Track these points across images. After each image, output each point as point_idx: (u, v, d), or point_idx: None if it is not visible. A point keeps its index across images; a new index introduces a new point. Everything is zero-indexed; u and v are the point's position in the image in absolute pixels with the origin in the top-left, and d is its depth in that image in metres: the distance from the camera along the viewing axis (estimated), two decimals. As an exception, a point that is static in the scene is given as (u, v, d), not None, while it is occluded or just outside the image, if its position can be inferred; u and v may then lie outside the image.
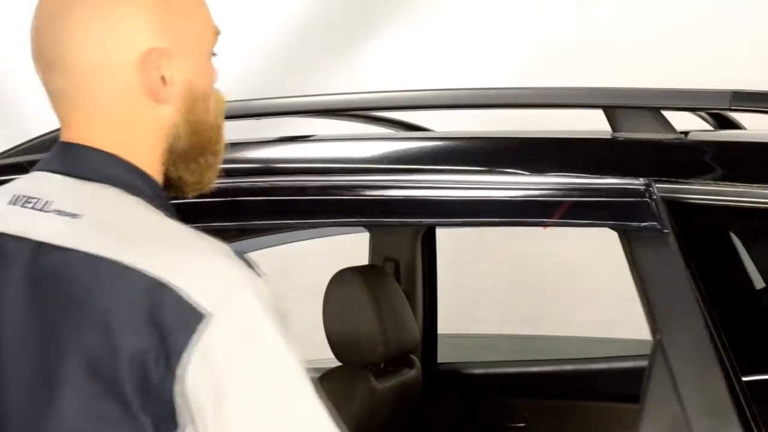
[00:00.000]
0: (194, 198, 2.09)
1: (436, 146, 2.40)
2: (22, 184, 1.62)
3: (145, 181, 1.60)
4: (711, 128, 2.70)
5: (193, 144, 1.64)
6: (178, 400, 1.46)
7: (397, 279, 3.63)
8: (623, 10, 5.18)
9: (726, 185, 2.09)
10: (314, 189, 2.30)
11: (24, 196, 1.57)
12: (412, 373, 3.50)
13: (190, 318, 1.45)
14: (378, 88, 2.74)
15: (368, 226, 3.58)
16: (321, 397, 1.54)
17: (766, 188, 2.07)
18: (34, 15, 1.61)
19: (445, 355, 3.81)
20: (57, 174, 1.59)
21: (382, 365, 3.35)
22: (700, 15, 5.00)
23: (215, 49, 1.67)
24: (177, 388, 1.46)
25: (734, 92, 2.16)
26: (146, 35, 1.58)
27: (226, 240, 1.76)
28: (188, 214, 2.31)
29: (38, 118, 2.61)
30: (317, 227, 3.34)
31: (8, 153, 2.58)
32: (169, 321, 1.46)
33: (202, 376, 1.45)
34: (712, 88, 2.23)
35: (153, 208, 1.58)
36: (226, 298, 1.47)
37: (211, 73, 1.66)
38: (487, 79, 5.03)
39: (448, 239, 4.16)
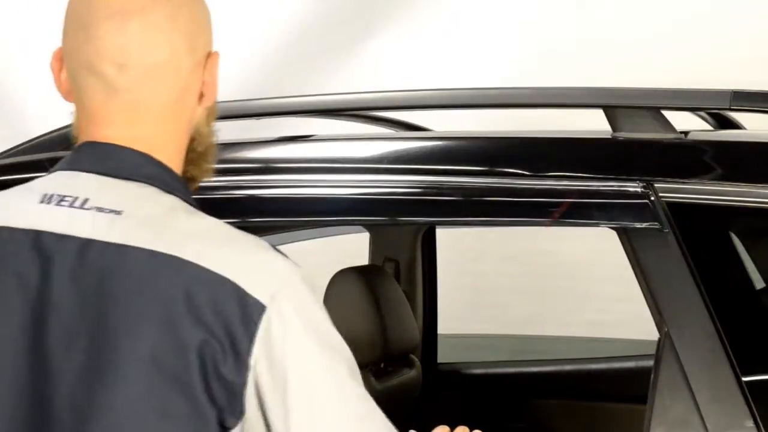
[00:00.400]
0: (195, 197, 2.10)
1: (436, 146, 2.40)
2: (49, 183, 1.61)
3: (178, 179, 1.64)
4: (711, 128, 2.70)
5: (208, 145, 1.69)
6: (249, 391, 1.50)
7: (397, 279, 3.63)
8: (623, 10, 5.18)
9: (726, 185, 2.09)
10: (314, 189, 2.30)
11: (57, 195, 1.57)
12: (412, 373, 3.50)
13: (253, 310, 1.50)
14: (378, 88, 2.74)
15: (368, 226, 3.58)
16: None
17: (766, 188, 2.07)
18: (88, 11, 1.60)
19: (445, 355, 3.81)
20: (89, 173, 1.59)
21: (382, 365, 3.35)
22: (700, 15, 5.00)
23: None
24: (250, 379, 1.50)
25: (734, 92, 2.16)
26: (207, 39, 1.63)
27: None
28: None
29: (38, 118, 2.61)
30: (317, 227, 3.34)
31: (8, 153, 2.57)
32: (233, 313, 1.49)
33: (268, 365, 1.50)
34: (712, 88, 2.23)
35: (188, 206, 1.62)
36: (281, 289, 1.53)
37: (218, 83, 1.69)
38: (487, 79, 5.03)
39: (448, 239, 4.16)
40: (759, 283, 2.28)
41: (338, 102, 2.56)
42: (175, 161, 1.64)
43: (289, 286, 1.55)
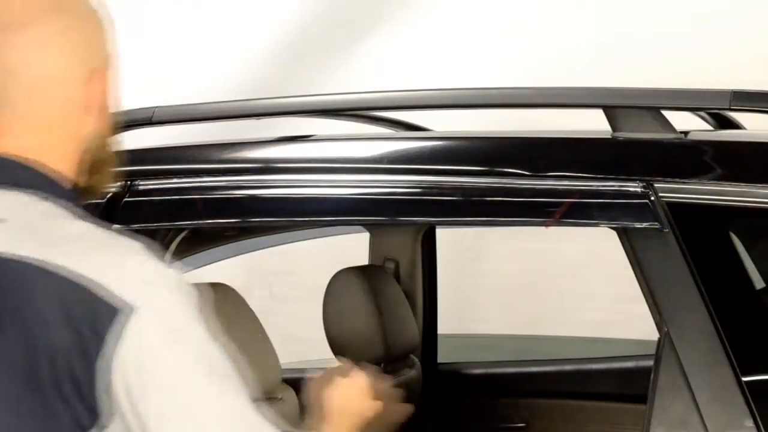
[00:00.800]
0: (195, 197, 2.11)
1: (436, 146, 2.40)
2: None
3: (61, 188, 1.70)
4: (711, 128, 2.70)
5: (101, 156, 1.77)
6: (102, 394, 1.54)
7: (397, 279, 3.63)
8: (623, 10, 5.18)
9: (726, 185, 2.09)
10: (314, 189, 2.30)
11: None
12: (412, 373, 3.50)
13: (110, 314, 1.54)
14: (378, 88, 2.73)
15: (368, 226, 3.58)
16: (244, 382, 1.62)
17: (766, 188, 2.07)
18: None
19: (445, 355, 3.81)
20: None
21: (382, 365, 3.35)
22: (700, 15, 5.00)
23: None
24: (100, 382, 1.54)
25: (734, 92, 2.16)
26: (96, 54, 1.72)
27: (227, 240, 1.78)
28: (189, 214, 2.32)
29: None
30: (317, 227, 3.34)
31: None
32: (89, 318, 1.54)
33: (124, 368, 1.54)
34: (712, 88, 2.23)
35: (65, 213, 1.67)
36: (143, 293, 1.56)
37: (111, 95, 1.79)
38: (486, 78, 5.02)
39: (448, 239, 4.16)
40: (759, 283, 2.28)
41: (338, 102, 2.56)
42: (65, 169, 1.71)
43: (153, 290, 1.58)
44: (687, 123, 2.35)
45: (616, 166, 2.17)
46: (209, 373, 1.59)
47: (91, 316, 1.55)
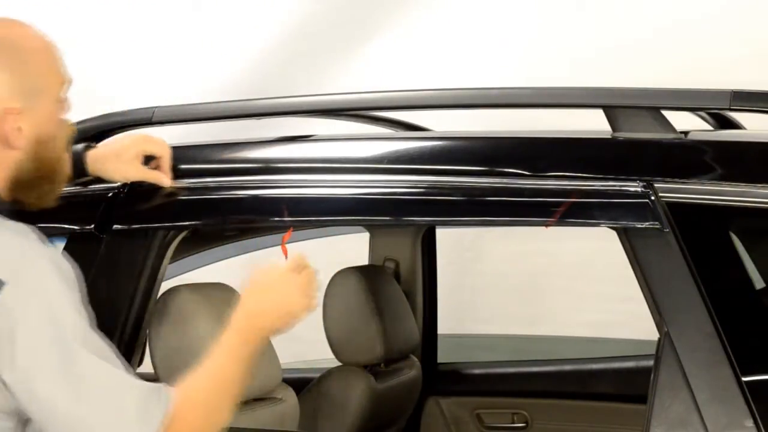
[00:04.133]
0: (195, 197, 2.12)
1: (436, 146, 2.40)
2: None
3: None
4: (711, 128, 2.70)
5: (35, 177, 1.99)
6: None
7: (397, 279, 3.63)
8: (623, 10, 5.17)
9: (726, 185, 2.09)
10: (314, 189, 2.30)
11: None
12: (412, 373, 3.50)
13: None
14: (378, 88, 2.73)
15: (368, 226, 3.58)
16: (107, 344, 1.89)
17: (766, 188, 2.07)
18: None
19: (445, 355, 3.81)
20: None
21: (382, 365, 3.35)
22: (700, 15, 5.00)
23: (65, 94, 2.02)
24: None
25: (734, 92, 2.16)
26: (3, 97, 1.91)
27: (227, 240, 1.79)
28: (190, 214, 2.32)
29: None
30: (317, 227, 3.34)
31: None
32: None
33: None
34: (712, 88, 2.23)
35: None
36: (20, 268, 1.84)
37: (56, 118, 2.01)
38: (486, 78, 5.02)
39: (448, 239, 4.16)
40: (759, 283, 2.28)
41: (338, 102, 2.56)
42: None
43: (25, 264, 1.84)
44: (687, 123, 2.34)
45: (616, 166, 2.17)
46: (71, 339, 1.83)
47: None
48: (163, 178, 2.35)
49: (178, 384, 1.91)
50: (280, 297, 2.00)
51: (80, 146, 2.36)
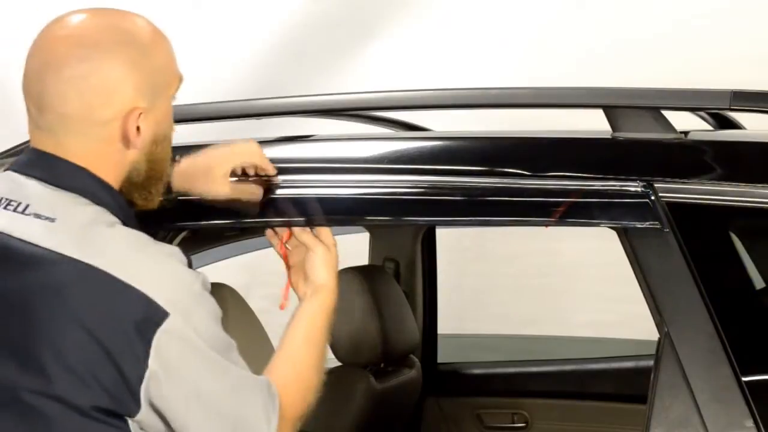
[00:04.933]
0: (195, 197, 2.12)
1: (436, 146, 2.40)
2: (2, 186, 1.89)
3: (111, 194, 1.90)
4: (711, 128, 2.70)
5: (149, 177, 1.96)
6: (137, 386, 1.76)
7: (397, 279, 3.63)
8: (623, 10, 5.18)
9: (726, 185, 2.09)
10: (314, 189, 2.30)
11: (6, 199, 1.86)
12: (412, 373, 3.50)
13: (156, 314, 1.77)
14: (378, 88, 2.73)
15: (368, 226, 3.58)
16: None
17: (766, 188, 2.07)
18: (27, 56, 1.91)
19: (445, 355, 3.81)
20: (33, 179, 1.88)
21: (382, 365, 3.35)
22: (700, 15, 5.00)
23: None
24: (136, 376, 1.76)
25: (734, 92, 2.16)
26: (130, 95, 1.87)
27: (227, 240, 1.80)
28: (190, 214, 2.32)
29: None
30: (317, 227, 3.34)
31: (8, 153, 2.58)
32: (138, 316, 1.76)
33: (156, 364, 1.77)
34: (712, 88, 2.23)
35: (115, 218, 1.87)
36: (173, 298, 1.80)
37: (171, 116, 1.95)
38: (486, 78, 5.03)
39: (448, 239, 4.16)
40: (759, 283, 2.28)
41: (338, 102, 2.56)
42: (111, 183, 1.91)
43: (184, 296, 1.82)
44: (687, 123, 2.34)
45: (616, 166, 2.17)
46: (226, 360, 1.84)
47: (131, 318, 1.76)
48: (256, 190, 2.25)
49: (270, 372, 1.97)
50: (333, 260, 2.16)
51: None
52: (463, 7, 5.45)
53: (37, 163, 1.90)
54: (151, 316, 1.76)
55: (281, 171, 2.38)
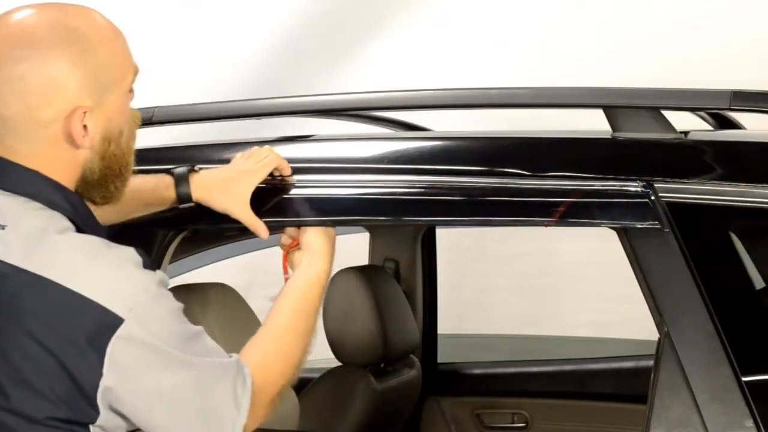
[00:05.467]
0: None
1: (436, 146, 2.40)
2: None
3: (65, 196, 1.86)
4: (711, 128, 2.70)
5: (104, 175, 1.89)
6: (100, 391, 1.75)
7: (397, 279, 3.63)
8: (623, 10, 5.18)
9: (726, 185, 2.09)
10: (314, 189, 2.30)
11: None
12: (412, 373, 3.50)
13: (111, 321, 1.74)
14: (378, 88, 2.73)
15: (368, 226, 3.58)
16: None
17: (766, 188, 2.07)
18: None
19: (445, 355, 3.81)
20: None
21: (382, 365, 3.35)
22: (700, 15, 5.00)
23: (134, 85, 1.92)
24: (102, 383, 1.74)
25: (734, 92, 2.16)
26: (72, 94, 1.81)
27: (227, 240, 1.80)
28: (190, 214, 2.31)
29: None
30: (317, 227, 3.34)
31: None
32: (91, 325, 1.73)
33: (119, 364, 1.75)
34: (712, 88, 2.23)
35: (69, 223, 1.82)
36: (128, 304, 1.76)
37: (126, 109, 1.89)
38: (486, 78, 5.03)
39: (448, 239, 4.16)
40: (759, 283, 2.28)
41: (338, 102, 2.56)
42: (65, 184, 1.85)
43: (139, 300, 1.77)
44: (687, 123, 2.34)
45: (616, 166, 2.17)
46: (187, 356, 1.80)
47: (84, 327, 1.73)
48: (263, 232, 2.25)
49: (251, 346, 1.95)
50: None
51: (184, 169, 2.25)
52: (463, 7, 5.45)
53: None
54: (105, 324, 1.74)
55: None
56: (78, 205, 1.87)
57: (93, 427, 1.78)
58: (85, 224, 1.86)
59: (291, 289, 2.07)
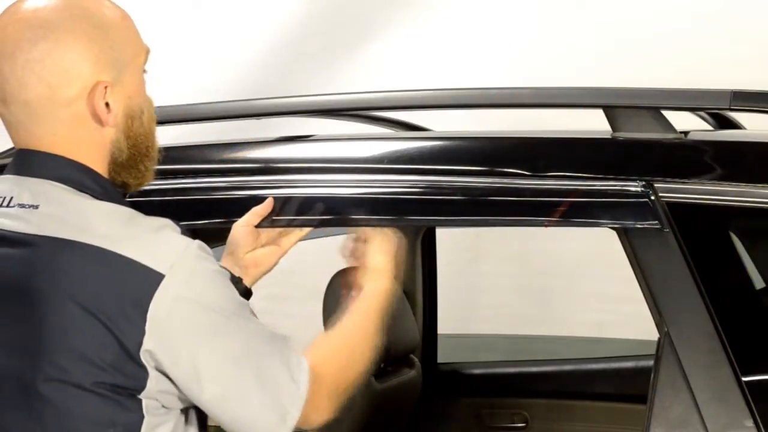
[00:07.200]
0: (195, 197, 2.12)
1: (436, 146, 2.40)
2: None
3: (93, 178, 1.86)
4: (711, 128, 2.70)
5: (132, 155, 1.91)
6: (143, 349, 1.74)
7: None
8: (623, 10, 5.18)
9: (726, 185, 2.09)
10: (314, 189, 2.30)
11: None
12: (412, 373, 3.50)
13: (151, 279, 1.74)
14: (378, 88, 2.73)
15: (368, 226, 3.58)
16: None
17: (766, 188, 2.07)
18: None
19: (445, 355, 3.81)
20: (15, 175, 1.86)
21: (382, 365, 3.35)
22: (700, 15, 5.00)
23: (146, 66, 1.93)
24: (145, 339, 1.73)
25: (734, 92, 2.16)
26: (91, 70, 1.82)
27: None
28: (189, 214, 2.32)
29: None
30: (317, 227, 3.34)
31: (8, 153, 2.58)
32: (132, 285, 1.74)
33: (162, 322, 1.74)
34: (712, 88, 2.23)
35: (99, 201, 1.84)
36: (170, 263, 1.77)
37: (144, 89, 1.93)
38: (486, 79, 5.03)
39: (448, 239, 4.16)
40: (759, 283, 2.28)
41: (338, 102, 2.56)
42: (93, 167, 1.86)
43: (180, 260, 1.78)
44: (687, 123, 2.34)
45: (616, 166, 2.17)
46: (228, 317, 1.80)
47: (140, 283, 1.74)
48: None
49: (312, 345, 1.97)
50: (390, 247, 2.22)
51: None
52: (463, 7, 5.45)
53: (18, 161, 1.87)
54: (146, 282, 1.74)
55: (281, 171, 2.38)
56: (109, 189, 1.88)
57: (145, 400, 1.76)
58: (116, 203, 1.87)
59: (352, 305, 2.13)
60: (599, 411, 3.53)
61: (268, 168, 2.41)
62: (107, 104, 1.83)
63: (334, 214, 2.30)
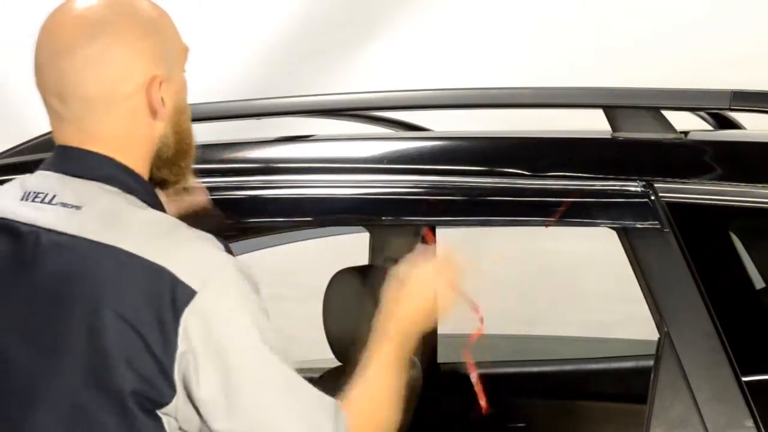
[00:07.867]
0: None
1: (436, 146, 2.40)
2: (31, 181, 1.87)
3: (137, 181, 1.86)
4: (711, 128, 2.70)
5: (178, 151, 1.92)
6: (176, 365, 1.72)
7: (397, 279, 3.62)
8: (623, 10, 5.18)
9: (726, 185, 2.09)
10: (314, 189, 2.30)
11: (33, 192, 1.84)
12: (412, 373, 3.50)
13: (184, 293, 1.72)
14: (378, 88, 2.73)
15: (368, 226, 3.58)
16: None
17: (766, 188, 2.07)
18: (35, 50, 1.86)
19: (445, 355, 3.81)
20: (60, 173, 1.85)
21: (382, 365, 3.34)
22: (700, 15, 5.00)
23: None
24: (177, 354, 1.72)
25: (734, 92, 2.16)
26: (145, 65, 1.84)
27: (227, 239, 1.80)
28: (189, 214, 2.32)
29: (38, 119, 2.62)
30: (317, 227, 3.34)
31: (8, 153, 2.58)
32: (166, 297, 1.72)
33: (193, 339, 1.72)
34: (712, 88, 2.23)
35: (144, 204, 1.84)
36: (204, 278, 1.74)
37: (186, 86, 1.93)
38: (487, 79, 5.03)
39: (448, 239, 4.15)
40: (759, 283, 2.28)
41: (338, 102, 2.56)
42: (139, 167, 1.87)
43: (219, 273, 1.76)
44: (687, 123, 2.35)
45: (616, 166, 2.17)
46: (264, 343, 1.78)
47: (173, 296, 1.72)
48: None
49: (343, 400, 1.97)
50: (430, 296, 2.23)
51: None
52: (463, 7, 5.46)
53: (62, 158, 1.86)
54: (178, 295, 1.72)
55: (281, 171, 2.38)
56: (151, 191, 1.88)
57: (165, 417, 1.74)
58: (156, 208, 1.87)
59: (377, 353, 2.16)
60: (599, 411, 3.53)
61: (268, 168, 2.41)
62: (162, 98, 1.85)
63: (335, 214, 2.30)
